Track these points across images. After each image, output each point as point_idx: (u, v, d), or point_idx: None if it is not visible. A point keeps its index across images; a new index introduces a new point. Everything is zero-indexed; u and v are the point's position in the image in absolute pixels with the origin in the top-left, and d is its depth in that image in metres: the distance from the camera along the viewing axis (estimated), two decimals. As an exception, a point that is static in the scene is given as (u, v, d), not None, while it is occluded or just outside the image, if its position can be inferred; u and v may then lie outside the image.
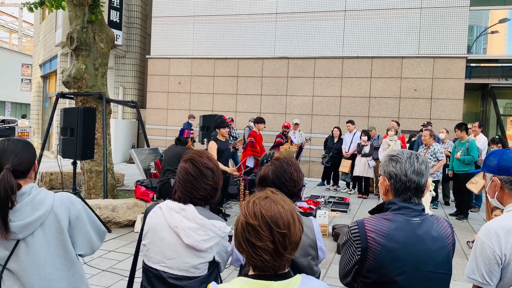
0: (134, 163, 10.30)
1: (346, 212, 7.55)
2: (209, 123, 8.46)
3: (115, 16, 13.55)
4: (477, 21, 12.25)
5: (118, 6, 13.61)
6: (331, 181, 10.23)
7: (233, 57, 12.61)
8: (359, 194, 9.32)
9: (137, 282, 1.96)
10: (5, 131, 24.72)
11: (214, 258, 1.79)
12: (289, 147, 9.01)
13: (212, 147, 6.12)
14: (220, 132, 6.33)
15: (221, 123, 6.38)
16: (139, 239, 1.92)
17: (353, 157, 9.44)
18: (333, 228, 5.91)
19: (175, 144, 5.92)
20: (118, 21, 13.66)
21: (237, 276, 1.42)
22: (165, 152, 6.09)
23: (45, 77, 19.01)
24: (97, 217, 1.98)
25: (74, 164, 6.35)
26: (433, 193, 6.36)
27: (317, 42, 11.84)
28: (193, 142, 6.76)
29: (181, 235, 1.74)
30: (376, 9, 11.33)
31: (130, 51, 14.66)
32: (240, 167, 7.58)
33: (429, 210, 6.31)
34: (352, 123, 9.86)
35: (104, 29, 7.40)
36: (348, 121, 9.95)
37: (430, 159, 7.25)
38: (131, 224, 6.08)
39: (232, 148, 8.53)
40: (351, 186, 9.85)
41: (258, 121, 8.60)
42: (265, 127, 8.85)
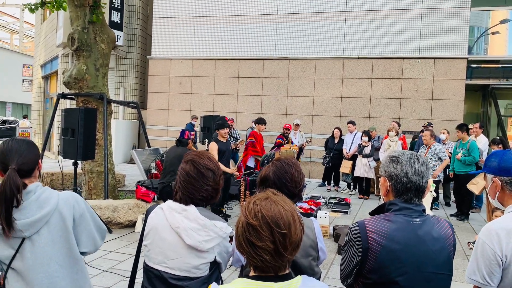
0: (135, 164, 10.31)
1: (346, 212, 7.55)
2: (210, 124, 8.48)
3: (116, 16, 13.57)
4: (478, 22, 12.25)
5: (119, 6, 13.62)
6: (332, 182, 10.23)
7: (234, 57, 12.62)
8: (359, 194, 9.31)
9: (138, 282, 1.96)
10: (6, 132, 24.77)
11: (215, 258, 1.79)
12: (290, 147, 9.01)
13: (212, 148, 6.14)
14: (220, 133, 6.35)
15: (221, 124, 6.39)
16: (140, 240, 1.92)
17: (353, 158, 9.43)
18: (334, 228, 5.91)
19: (176, 145, 5.92)
20: (119, 21, 13.67)
21: (238, 276, 1.42)
22: (166, 153, 6.09)
23: (46, 78, 19.04)
24: (98, 217, 1.99)
25: (75, 164, 6.37)
26: (434, 194, 6.36)
27: (318, 42, 11.85)
28: (194, 143, 6.77)
29: (182, 235, 1.74)
30: (377, 10, 11.33)
31: (131, 51, 14.68)
32: (240, 167, 7.58)
33: (429, 210, 6.30)
34: (353, 123, 9.85)
35: (105, 30, 7.41)
36: (348, 122, 9.95)
37: (431, 159, 7.24)
38: (132, 224, 6.09)
39: (233, 148, 8.53)
40: (351, 186, 9.85)
41: (258, 121, 8.62)
42: (265, 127, 8.85)
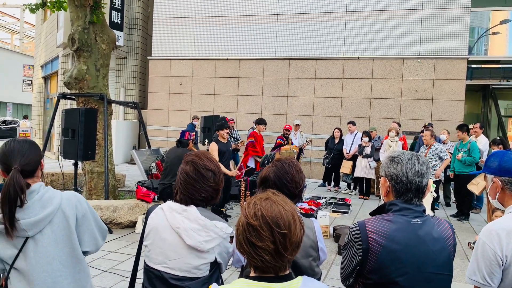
0: (135, 164, 10.31)
1: (347, 213, 7.55)
2: (210, 124, 8.48)
3: (116, 17, 13.57)
4: (478, 22, 12.24)
5: (119, 7, 13.63)
6: (332, 182, 10.22)
7: (234, 58, 12.62)
8: (360, 195, 9.30)
9: (139, 283, 1.96)
10: (6, 132, 24.78)
11: (215, 259, 1.79)
12: (290, 148, 9.01)
13: (213, 149, 6.14)
14: (220, 134, 6.35)
15: (221, 125, 6.39)
16: (141, 240, 1.92)
17: (354, 158, 9.42)
18: (334, 229, 5.91)
19: (176, 146, 5.92)
20: (119, 22, 13.68)
21: (238, 277, 1.42)
22: (167, 154, 6.09)
23: (47, 78, 19.05)
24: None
25: (75, 165, 6.37)
26: (434, 194, 6.35)
27: (318, 43, 11.85)
28: (195, 143, 6.76)
29: (183, 236, 1.74)
30: (377, 10, 11.33)
31: (131, 52, 14.68)
32: (240, 167, 7.58)
33: (430, 211, 6.30)
34: (353, 124, 9.85)
35: (105, 30, 7.42)
36: (349, 122, 9.95)
37: (431, 159, 7.22)
38: (132, 225, 6.09)
39: (233, 149, 8.53)
40: (352, 187, 9.84)
41: (259, 122, 8.62)
42: (265, 128, 8.86)
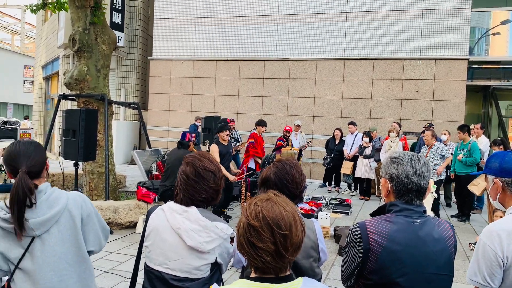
0: (135, 165, 10.32)
1: (347, 213, 7.54)
2: (210, 125, 8.46)
3: (117, 17, 13.58)
4: (479, 23, 12.24)
5: (120, 8, 13.64)
6: (333, 183, 10.22)
7: (235, 58, 12.63)
8: (360, 195, 9.30)
9: (139, 283, 1.96)
10: (7, 132, 24.78)
11: (216, 259, 1.79)
12: (291, 148, 9.02)
13: (213, 150, 6.13)
14: (220, 136, 6.33)
15: (221, 127, 6.38)
16: (141, 241, 1.92)
17: (354, 159, 9.42)
18: (335, 229, 5.91)
19: (177, 147, 5.91)
20: (120, 22, 13.69)
21: (238, 278, 1.42)
22: (168, 156, 6.09)
23: (47, 79, 19.07)
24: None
25: (76, 165, 6.38)
26: (435, 195, 6.34)
27: (318, 43, 11.85)
28: (196, 145, 6.76)
29: (183, 236, 1.74)
30: (377, 11, 11.33)
31: (132, 52, 14.69)
32: (243, 170, 7.59)
33: (430, 211, 6.29)
34: (353, 124, 9.85)
35: (106, 31, 7.42)
36: (349, 123, 9.94)
37: (432, 158, 7.16)
38: (132, 225, 6.09)
39: (234, 151, 8.52)
40: (352, 187, 9.84)
41: (259, 123, 8.62)
42: (265, 130, 8.86)
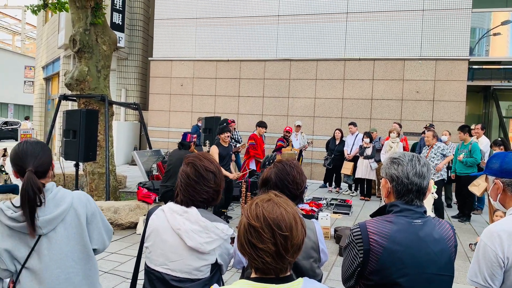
0: (136, 165, 10.32)
1: (348, 214, 7.54)
2: (211, 125, 8.47)
3: (117, 18, 13.59)
4: (480, 23, 12.24)
5: (120, 8, 13.65)
6: (333, 183, 10.21)
7: (235, 59, 12.63)
8: (361, 196, 9.29)
9: (140, 284, 1.96)
10: (8, 133, 24.82)
11: (216, 260, 1.79)
12: (291, 149, 9.01)
13: (213, 152, 6.13)
14: (220, 137, 6.33)
15: (221, 129, 6.38)
16: (142, 241, 1.92)
17: (355, 159, 9.42)
18: (335, 230, 5.91)
19: (178, 148, 5.91)
20: (120, 23, 13.70)
21: (239, 278, 1.42)
22: (169, 156, 6.08)
23: (48, 79, 19.09)
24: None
25: (76, 166, 6.38)
26: (435, 195, 6.34)
27: (319, 44, 11.85)
28: (198, 146, 6.76)
29: (183, 237, 1.74)
30: (378, 12, 11.33)
31: (132, 53, 14.70)
32: (244, 170, 7.58)
33: (431, 212, 6.28)
34: (354, 125, 9.84)
35: (106, 32, 7.42)
36: (350, 123, 9.93)
37: (433, 158, 7.13)
38: (133, 226, 6.09)
39: (235, 152, 8.52)
40: (353, 188, 9.83)
41: (259, 124, 8.63)
42: (265, 131, 8.86)
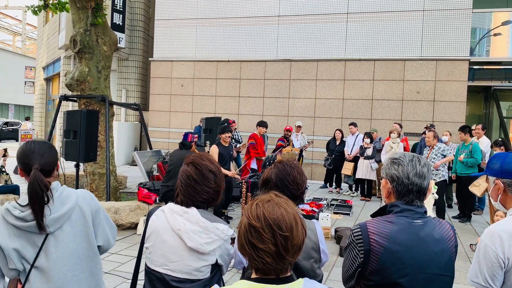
0: (136, 166, 10.32)
1: (348, 214, 7.54)
2: (211, 126, 8.47)
3: (118, 19, 13.60)
4: (480, 23, 12.23)
5: (121, 9, 13.66)
6: (334, 184, 10.21)
7: (236, 59, 12.63)
8: (361, 196, 9.29)
9: (140, 284, 1.96)
10: (8, 133, 24.85)
11: (216, 261, 1.79)
12: (291, 149, 9.01)
13: (213, 151, 6.13)
14: (221, 137, 6.33)
15: (222, 129, 6.38)
16: (142, 242, 1.92)
17: (355, 160, 9.42)
18: (336, 230, 5.90)
19: (179, 148, 5.92)
20: (121, 24, 13.71)
21: (239, 279, 1.42)
22: (170, 156, 6.08)
23: (48, 80, 19.11)
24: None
25: (77, 166, 6.38)
26: (436, 196, 6.33)
27: (319, 44, 11.85)
28: (199, 146, 6.76)
29: (184, 238, 1.74)
30: (378, 12, 11.33)
31: (133, 53, 14.71)
32: (245, 169, 7.58)
33: (431, 212, 6.28)
34: (354, 125, 9.84)
35: (107, 32, 7.43)
36: (350, 124, 9.93)
37: (434, 159, 7.11)
38: (133, 226, 6.09)
39: (235, 152, 8.52)
40: (353, 188, 9.83)
41: (260, 124, 8.62)
42: (266, 131, 8.86)
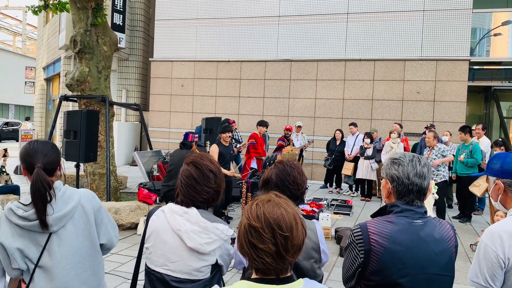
0: (137, 166, 10.31)
1: (349, 215, 7.53)
2: (211, 126, 8.47)
3: (118, 19, 13.61)
4: (480, 24, 12.22)
5: (121, 9, 13.67)
6: (334, 184, 10.21)
7: (236, 59, 12.63)
8: (361, 196, 9.29)
9: (140, 285, 1.96)
10: (9, 134, 24.85)
11: (216, 261, 1.79)
12: (292, 149, 9.01)
13: (213, 151, 6.13)
14: (222, 136, 6.33)
15: (223, 128, 6.38)
16: (142, 242, 1.92)
17: (355, 160, 9.42)
18: (336, 231, 5.90)
19: (180, 148, 5.92)
20: (121, 24, 13.71)
21: (240, 279, 1.42)
22: (171, 156, 6.09)
23: (49, 80, 19.11)
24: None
25: (77, 166, 6.38)
26: (436, 196, 6.33)
27: (319, 44, 11.85)
28: (200, 146, 6.76)
29: (184, 238, 1.74)
30: (378, 12, 11.33)
31: (133, 54, 14.71)
32: (245, 169, 7.57)
33: (431, 212, 6.27)
34: (354, 125, 9.84)
35: (107, 32, 7.43)
36: (350, 124, 9.93)
37: (434, 159, 7.11)
38: (134, 226, 6.10)
39: (235, 152, 8.52)
40: (353, 188, 9.83)
41: (260, 123, 8.62)
42: (266, 130, 8.86)
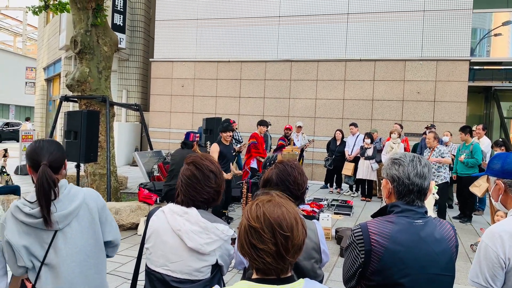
0: (137, 166, 10.32)
1: (349, 215, 7.53)
2: (212, 126, 8.47)
3: (118, 19, 13.62)
4: (480, 24, 12.22)
5: (121, 9, 13.67)
6: (334, 184, 10.20)
7: (236, 60, 12.63)
8: (362, 197, 9.29)
9: (140, 285, 1.96)
10: (9, 134, 24.87)
11: (217, 261, 1.79)
12: (292, 149, 9.00)
13: (213, 150, 6.12)
14: (222, 136, 6.33)
15: (224, 127, 6.38)
16: (142, 242, 1.93)
17: (356, 160, 9.42)
18: (336, 231, 5.90)
19: (181, 148, 5.92)
20: (121, 24, 13.72)
21: (240, 279, 1.42)
22: (172, 156, 6.09)
23: (49, 80, 19.13)
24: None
25: (77, 167, 6.38)
26: (436, 196, 6.33)
27: (320, 45, 11.85)
28: (201, 146, 6.76)
29: (184, 238, 1.74)
30: (379, 12, 11.33)
31: (133, 54, 14.72)
32: (246, 171, 7.58)
33: (432, 213, 6.27)
34: (355, 126, 9.83)
35: (107, 33, 7.43)
36: (351, 124, 9.93)
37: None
38: (134, 227, 6.10)
39: (235, 152, 8.51)
40: (354, 189, 9.83)
41: (260, 123, 8.62)
42: (267, 130, 8.86)
